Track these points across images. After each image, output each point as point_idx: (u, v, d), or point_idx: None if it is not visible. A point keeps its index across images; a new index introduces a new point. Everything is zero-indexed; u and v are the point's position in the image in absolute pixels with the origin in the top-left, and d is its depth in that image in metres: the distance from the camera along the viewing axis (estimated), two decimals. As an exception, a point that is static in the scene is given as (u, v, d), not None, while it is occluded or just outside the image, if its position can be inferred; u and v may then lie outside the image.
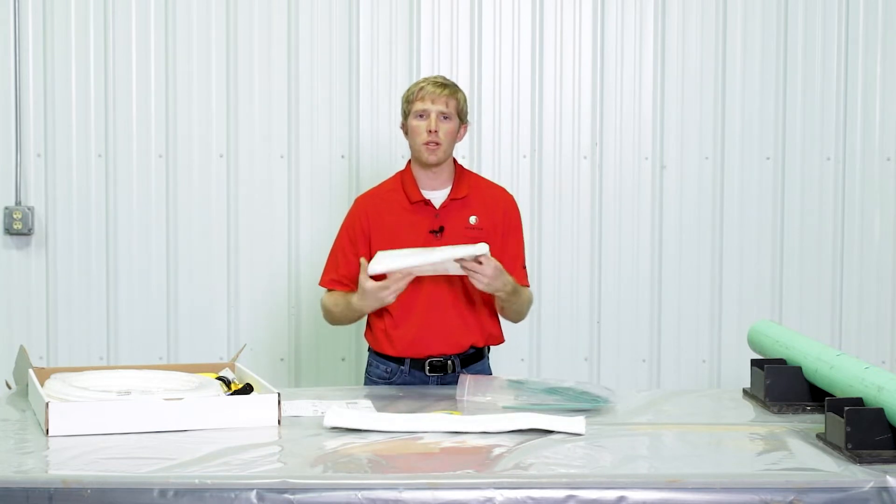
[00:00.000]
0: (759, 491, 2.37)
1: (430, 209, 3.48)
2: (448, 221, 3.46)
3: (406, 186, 3.51)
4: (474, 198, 3.51)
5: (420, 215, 3.47)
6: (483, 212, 3.50)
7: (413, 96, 3.47)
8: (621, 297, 4.61)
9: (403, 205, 3.49)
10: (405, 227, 3.46)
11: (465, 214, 3.48)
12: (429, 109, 3.43)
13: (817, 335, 4.45)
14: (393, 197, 3.52)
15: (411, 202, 3.48)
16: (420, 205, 3.48)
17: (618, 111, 4.58)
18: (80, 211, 4.49)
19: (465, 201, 3.49)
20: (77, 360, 4.43)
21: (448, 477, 2.39)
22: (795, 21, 4.58)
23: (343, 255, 3.53)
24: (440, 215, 3.47)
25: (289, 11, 4.49)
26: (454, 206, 3.48)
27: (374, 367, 3.58)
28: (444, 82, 3.49)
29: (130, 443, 2.64)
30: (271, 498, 2.32)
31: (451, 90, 3.48)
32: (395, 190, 3.53)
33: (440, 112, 3.43)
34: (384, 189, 3.58)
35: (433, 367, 3.46)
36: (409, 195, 3.49)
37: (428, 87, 3.45)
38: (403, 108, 3.52)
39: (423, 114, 3.44)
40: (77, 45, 4.46)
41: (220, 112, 4.50)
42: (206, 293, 4.53)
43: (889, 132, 4.62)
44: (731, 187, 4.61)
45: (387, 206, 3.50)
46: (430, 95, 3.44)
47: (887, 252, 4.65)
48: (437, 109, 3.43)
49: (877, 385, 2.63)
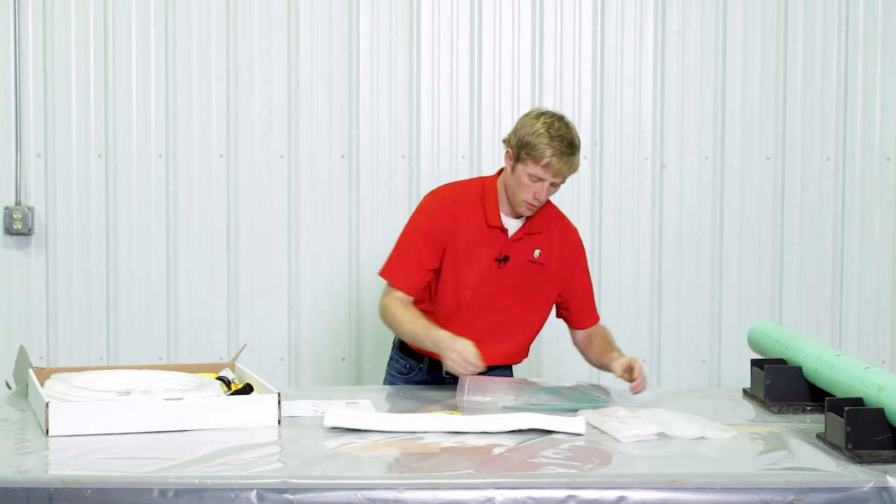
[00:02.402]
0: (759, 491, 2.37)
1: (502, 237, 3.38)
2: (514, 252, 3.38)
3: (486, 206, 3.38)
4: (545, 232, 3.42)
5: (491, 241, 3.37)
6: (548, 247, 3.41)
7: (537, 156, 3.22)
8: (621, 297, 4.61)
9: (480, 224, 3.37)
10: (476, 248, 3.37)
11: (532, 247, 3.40)
12: (546, 180, 3.26)
13: (817, 335, 4.45)
14: (472, 212, 3.38)
15: (488, 226, 3.38)
16: (495, 231, 3.38)
17: (618, 111, 4.58)
18: (80, 211, 4.49)
19: (535, 235, 3.41)
20: (77, 360, 4.43)
21: (448, 477, 2.39)
22: (795, 21, 4.58)
23: (418, 261, 3.37)
24: (509, 245, 3.38)
25: (289, 11, 4.49)
26: (524, 238, 3.40)
27: (394, 360, 3.57)
28: (571, 152, 3.24)
29: (130, 443, 2.64)
30: (271, 498, 2.32)
31: (574, 161, 3.26)
32: (476, 204, 3.39)
33: (553, 183, 3.28)
34: (464, 199, 3.40)
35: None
36: (488, 218, 3.37)
37: (555, 162, 3.21)
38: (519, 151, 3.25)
39: (538, 179, 3.26)
40: (77, 45, 4.46)
41: (220, 112, 4.50)
42: (206, 293, 4.53)
43: (889, 132, 4.62)
44: (731, 187, 4.61)
45: (465, 221, 3.37)
46: (552, 170, 3.23)
47: (887, 252, 4.66)
48: (553, 180, 3.27)
49: (877, 385, 2.63)
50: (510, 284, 3.39)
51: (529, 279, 3.41)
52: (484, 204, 3.38)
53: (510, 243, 3.38)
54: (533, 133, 3.24)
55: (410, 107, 4.52)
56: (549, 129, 3.23)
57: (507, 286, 3.39)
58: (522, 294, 3.42)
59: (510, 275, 3.38)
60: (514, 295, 3.40)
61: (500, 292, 3.39)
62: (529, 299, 3.43)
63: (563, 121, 3.28)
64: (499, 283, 3.39)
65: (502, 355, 3.45)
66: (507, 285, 3.39)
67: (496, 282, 3.39)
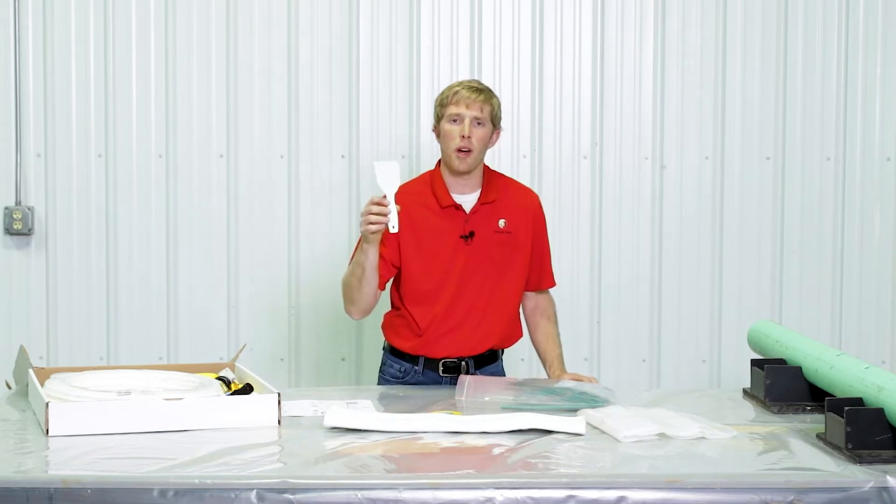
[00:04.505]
0: (759, 491, 2.37)
1: (460, 214, 3.45)
2: (478, 226, 3.45)
3: (436, 189, 3.46)
4: (503, 201, 3.49)
5: (450, 220, 3.44)
6: (512, 215, 3.49)
7: (447, 100, 3.42)
8: (621, 297, 4.61)
9: (433, 208, 3.45)
10: (436, 232, 3.43)
11: (495, 218, 3.47)
12: (462, 114, 3.38)
13: (817, 335, 4.45)
14: (423, 199, 3.46)
15: (441, 206, 3.45)
16: (450, 209, 3.45)
17: (618, 111, 4.58)
18: (80, 211, 4.49)
19: (494, 205, 3.47)
20: (77, 360, 4.43)
21: (448, 477, 2.39)
22: (795, 21, 4.58)
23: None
24: (470, 220, 3.45)
25: (289, 11, 4.49)
26: (484, 210, 3.46)
27: (387, 365, 3.58)
28: (479, 87, 3.44)
29: (130, 443, 2.64)
30: (271, 498, 2.32)
31: (486, 95, 3.42)
32: (425, 192, 3.48)
33: (474, 117, 3.38)
34: (414, 189, 3.49)
35: (447, 368, 3.46)
36: (440, 199, 3.45)
37: (462, 92, 3.40)
38: (437, 111, 3.46)
39: (456, 118, 3.39)
40: (77, 45, 4.46)
41: (220, 112, 4.50)
42: (206, 293, 4.53)
43: (889, 132, 4.62)
44: (731, 187, 4.61)
45: (417, 207, 3.43)
46: (464, 100, 3.38)
47: (887, 252, 4.65)
48: (471, 115, 3.38)
49: (877, 385, 2.63)
50: (482, 259, 3.44)
51: (500, 250, 3.46)
52: (433, 188, 3.46)
53: (470, 217, 3.44)
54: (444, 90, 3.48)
55: (410, 107, 4.52)
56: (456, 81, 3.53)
57: (479, 262, 3.44)
58: (496, 267, 3.46)
59: (480, 249, 3.43)
60: (488, 269, 3.45)
61: (474, 269, 3.44)
62: (505, 270, 3.48)
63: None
64: (471, 260, 3.43)
65: (492, 336, 3.48)
66: (479, 261, 3.44)
67: (469, 259, 3.43)
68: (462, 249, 3.43)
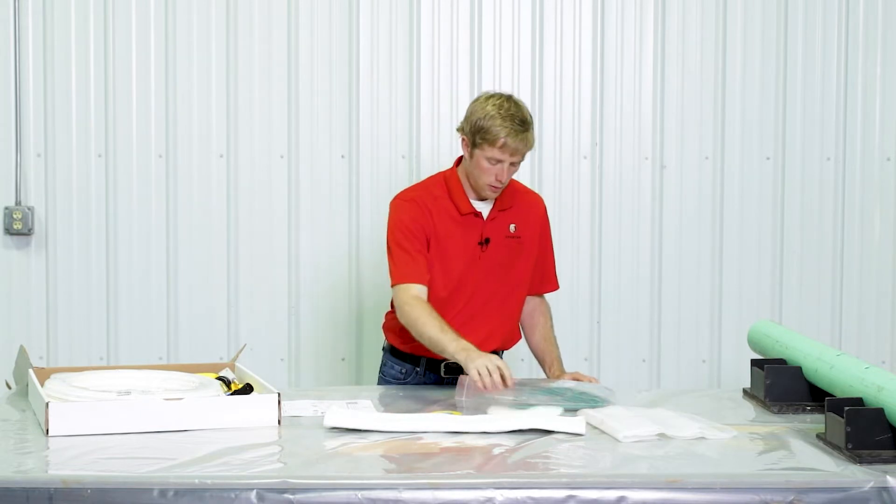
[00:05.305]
0: (759, 491, 2.37)
1: (478, 221, 3.44)
2: (493, 232, 3.45)
3: (454, 196, 3.42)
4: (514, 206, 3.49)
5: (469, 227, 3.43)
6: (521, 220, 3.49)
7: (490, 138, 3.26)
8: (621, 298, 4.61)
9: (452, 215, 3.42)
10: (456, 239, 3.42)
11: (506, 223, 3.47)
12: (504, 160, 3.30)
13: (817, 335, 4.45)
14: (442, 205, 3.42)
15: (461, 214, 3.42)
16: (470, 216, 3.43)
17: (618, 111, 4.58)
18: (80, 211, 4.49)
19: (507, 211, 3.48)
20: (77, 360, 4.43)
21: (448, 477, 2.40)
22: (795, 21, 4.58)
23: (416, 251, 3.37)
24: (486, 227, 3.44)
25: (289, 11, 4.49)
26: (500, 216, 3.46)
27: (388, 367, 3.58)
28: (524, 129, 3.27)
29: (130, 443, 2.64)
30: (271, 498, 2.32)
31: (528, 138, 3.29)
32: (442, 198, 3.43)
33: (513, 162, 3.32)
34: (430, 195, 3.44)
35: (449, 369, 3.44)
36: (459, 206, 3.42)
37: (510, 142, 3.25)
38: (474, 134, 3.30)
39: (497, 161, 3.30)
40: (77, 45, 4.45)
41: (220, 112, 4.50)
42: (206, 293, 4.53)
43: (889, 132, 4.62)
44: (731, 187, 4.61)
45: (438, 215, 3.41)
46: (510, 149, 3.26)
47: (887, 252, 4.65)
48: (511, 159, 3.31)
49: (877, 385, 2.63)
50: (494, 265, 3.45)
51: (509, 254, 3.47)
52: (451, 195, 3.43)
53: (487, 224, 3.44)
54: (485, 116, 3.28)
55: (410, 107, 4.52)
56: (499, 111, 3.28)
57: (492, 267, 3.45)
58: (506, 271, 3.47)
59: (493, 255, 3.44)
60: (499, 274, 3.46)
61: (487, 274, 3.45)
62: (513, 274, 3.48)
63: (511, 100, 3.33)
64: (484, 265, 3.44)
65: (496, 338, 3.48)
66: (491, 266, 3.45)
67: (483, 265, 3.44)
68: (478, 256, 3.43)
